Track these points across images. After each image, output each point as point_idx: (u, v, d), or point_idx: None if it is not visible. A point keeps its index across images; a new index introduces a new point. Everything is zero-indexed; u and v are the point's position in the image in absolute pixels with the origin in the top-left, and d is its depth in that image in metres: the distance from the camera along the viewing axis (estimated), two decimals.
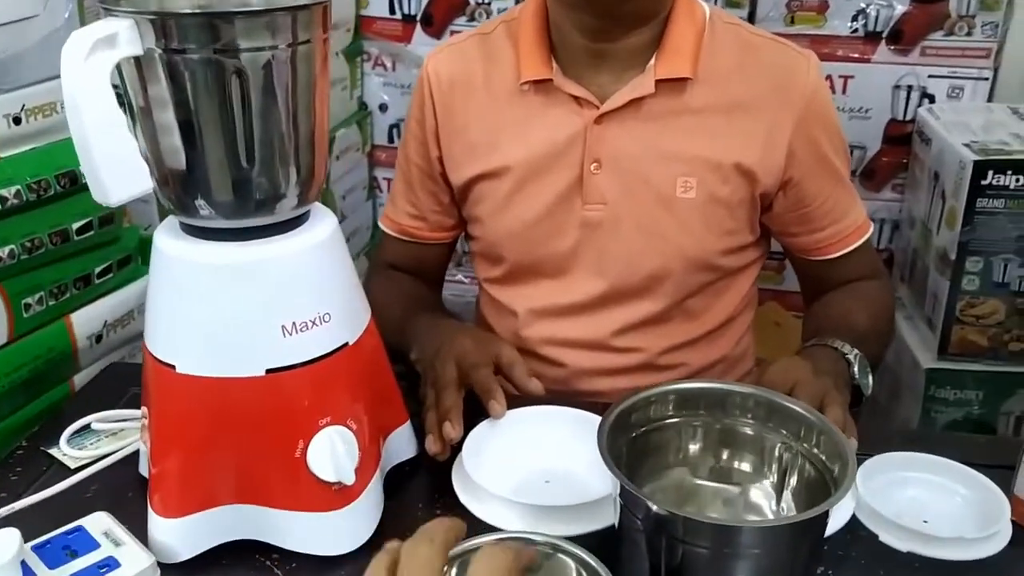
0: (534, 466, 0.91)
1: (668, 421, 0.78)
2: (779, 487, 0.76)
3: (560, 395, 1.11)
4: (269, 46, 0.72)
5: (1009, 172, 1.56)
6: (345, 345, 0.82)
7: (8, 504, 0.87)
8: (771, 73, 1.11)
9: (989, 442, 1.38)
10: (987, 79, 1.87)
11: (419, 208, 1.25)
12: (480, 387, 0.95)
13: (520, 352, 1.15)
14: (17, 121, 1.10)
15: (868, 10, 1.90)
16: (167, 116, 0.73)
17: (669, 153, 1.10)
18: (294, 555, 0.82)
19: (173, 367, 0.78)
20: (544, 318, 1.19)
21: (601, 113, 1.09)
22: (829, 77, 1.85)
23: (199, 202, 0.76)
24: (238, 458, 0.79)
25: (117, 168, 0.71)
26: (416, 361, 1.08)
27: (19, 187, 1.07)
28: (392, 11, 2.08)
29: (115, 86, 0.70)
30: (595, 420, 0.91)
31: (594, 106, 1.10)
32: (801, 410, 0.75)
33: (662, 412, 0.78)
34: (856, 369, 1.03)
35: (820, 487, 0.71)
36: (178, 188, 0.76)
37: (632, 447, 0.75)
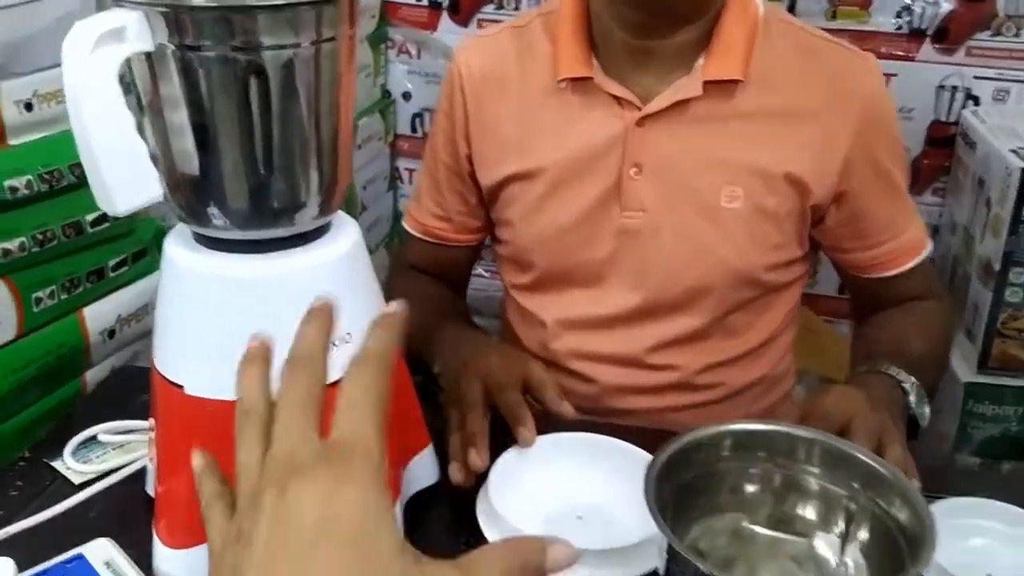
0: (566, 500, 0.85)
1: (722, 465, 0.72)
2: (844, 539, 0.69)
3: (589, 413, 1.05)
4: (291, 43, 0.66)
5: None
6: None
7: (6, 526, 0.82)
8: (829, 77, 1.04)
9: None
10: None
11: (445, 208, 1.19)
12: (508, 411, 0.89)
13: (547, 365, 1.10)
14: (28, 107, 1.05)
15: (913, 7, 1.84)
16: (179, 117, 0.67)
17: (715, 160, 1.04)
18: None
19: (182, 388, 0.73)
20: (574, 330, 1.13)
21: (643, 115, 1.03)
22: None
23: (212, 211, 0.70)
24: None
25: (124, 173, 0.65)
26: (439, 375, 1.02)
27: (30, 177, 1.03)
28: None
29: (122, 79, 0.64)
30: (634, 452, 0.86)
31: (636, 107, 1.03)
32: (872, 462, 0.68)
33: (716, 455, 0.72)
34: (913, 398, 0.97)
35: (889, 541, 0.65)
36: (190, 195, 0.70)
37: (681, 491, 0.69)
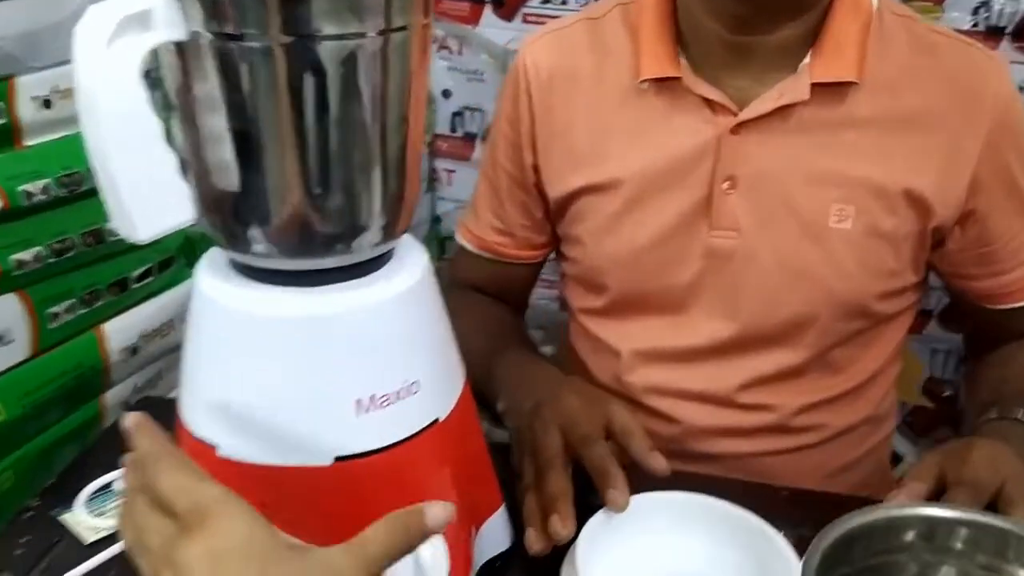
0: (663, 569, 0.73)
1: (902, 556, 0.59)
2: None
3: (669, 457, 0.91)
4: (354, 33, 0.53)
5: None
6: (435, 422, 0.63)
7: None
8: (954, 80, 0.91)
9: None
10: None
11: (506, 222, 1.06)
12: (595, 468, 0.76)
13: (621, 401, 0.98)
14: (47, 104, 0.97)
15: (992, 3, 1.70)
16: (216, 122, 0.55)
17: (823, 174, 0.90)
18: None
19: (214, 448, 0.60)
20: (653, 363, 1.00)
21: (740, 121, 0.90)
22: None
23: (254, 235, 0.58)
24: None
25: (148, 192, 0.53)
26: (504, 414, 0.89)
27: (48, 181, 0.95)
28: None
29: (147, 75, 0.52)
30: (740, 515, 0.73)
31: (731, 113, 0.90)
32: None
33: (894, 543, 0.59)
34: None
35: None
36: (228, 217, 0.58)
37: None
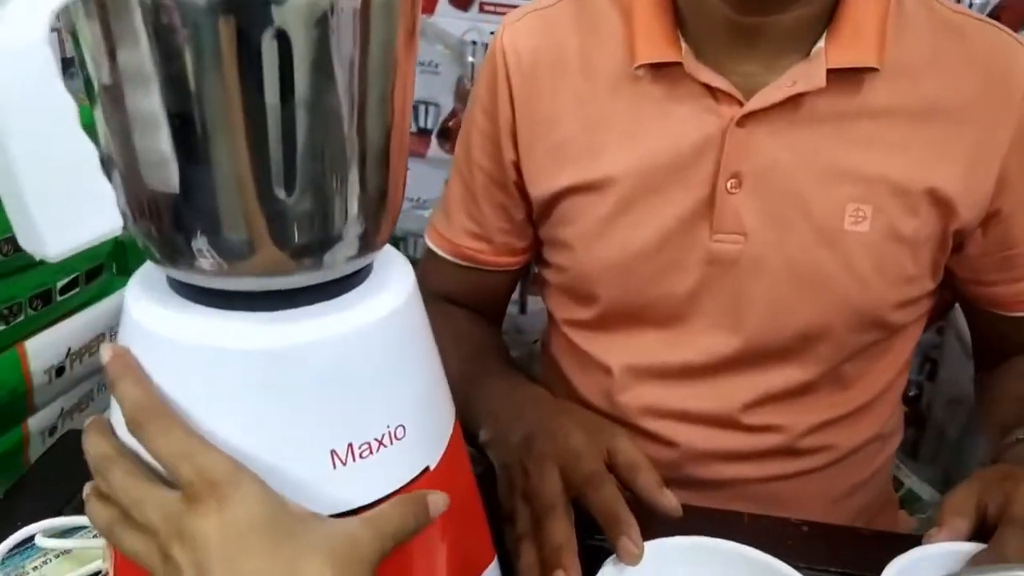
0: None
1: None
2: None
3: (665, 482, 0.82)
4: None
5: None
6: (425, 471, 0.52)
7: None
8: (980, 66, 0.82)
9: None
10: None
11: (483, 226, 0.95)
12: (603, 513, 0.65)
13: (613, 422, 0.88)
14: None
15: None
16: (149, 103, 0.43)
17: (837, 170, 0.81)
18: None
19: None
20: (648, 380, 0.90)
21: (747, 112, 0.80)
22: None
23: (199, 247, 0.46)
24: None
25: (60, 197, 0.40)
26: (488, 445, 0.78)
27: None
28: None
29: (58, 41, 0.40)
30: (762, 560, 0.64)
31: (737, 102, 0.81)
32: None
33: None
34: None
35: None
36: (166, 225, 0.46)
37: None
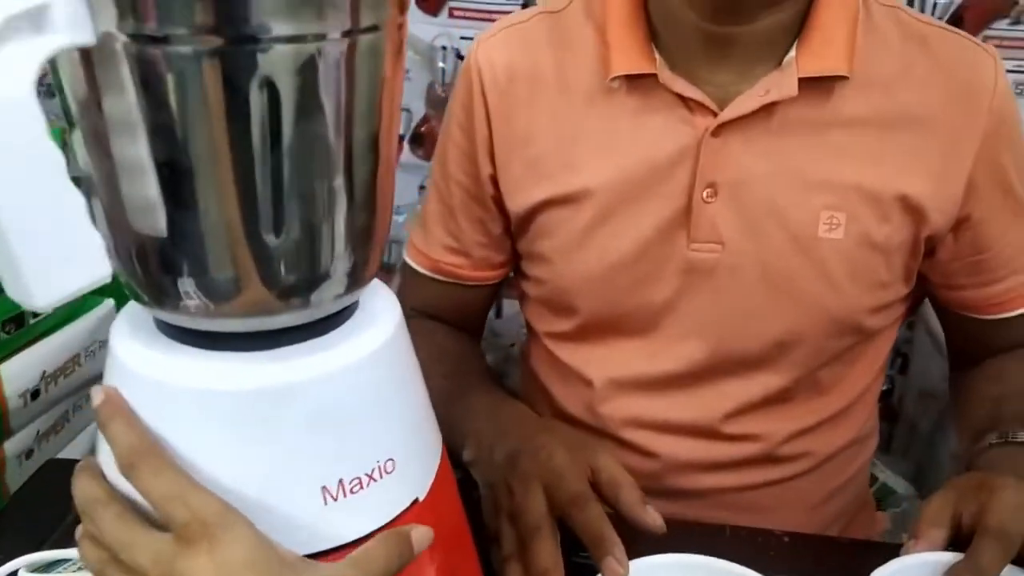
0: None
1: None
2: None
3: (646, 492, 0.83)
4: (312, 35, 0.42)
5: None
6: (415, 503, 0.53)
7: None
8: (947, 75, 0.83)
9: None
10: None
11: (461, 241, 0.95)
12: (589, 533, 0.66)
13: (594, 434, 0.91)
14: None
15: None
16: (136, 150, 0.43)
17: (812, 178, 0.82)
18: None
19: None
20: (630, 392, 0.91)
21: (721, 122, 0.81)
22: None
23: (186, 290, 0.46)
24: None
25: (48, 247, 0.40)
26: (472, 464, 0.79)
27: None
28: None
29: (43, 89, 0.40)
30: None
31: (711, 112, 0.81)
32: None
33: None
34: None
35: None
36: (154, 268, 0.46)
37: None
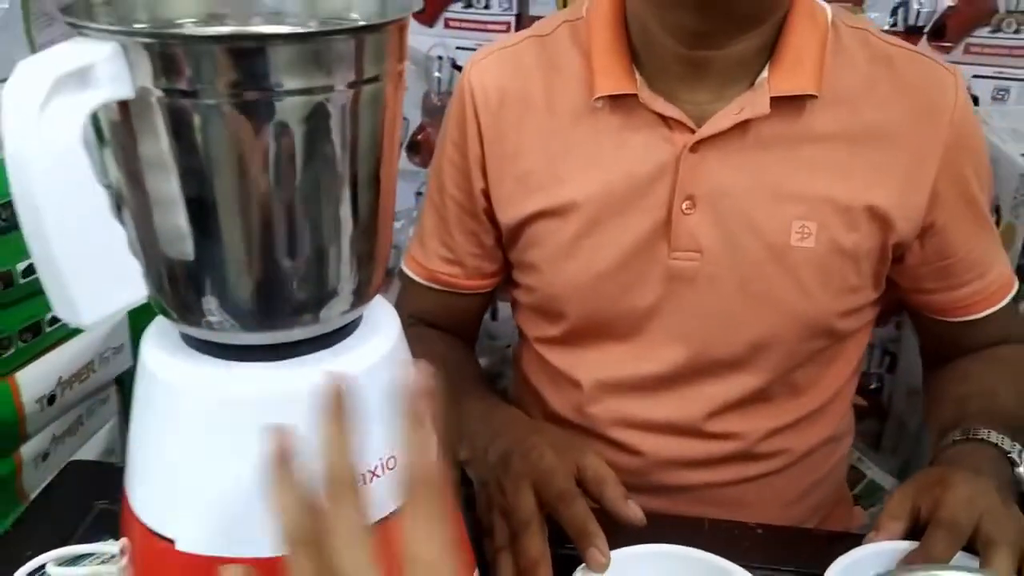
0: None
1: None
2: None
3: (631, 488, 0.88)
4: (321, 87, 0.48)
5: None
6: None
7: None
8: (911, 93, 0.89)
9: None
10: None
11: (455, 251, 1.01)
12: (574, 527, 0.72)
13: (582, 433, 0.96)
14: None
15: (910, 3, 1.70)
16: (168, 187, 0.48)
17: (783, 191, 0.88)
18: None
19: (172, 542, 0.54)
20: (617, 393, 0.96)
21: (698, 139, 0.86)
22: None
23: (209, 307, 0.52)
24: None
25: (94, 271, 0.46)
26: (468, 464, 0.85)
27: None
28: None
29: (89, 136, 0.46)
30: (724, 567, 0.70)
31: (689, 130, 0.87)
32: None
33: None
34: (1023, 470, 0.83)
35: None
36: (181, 289, 0.52)
37: None
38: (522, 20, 1.68)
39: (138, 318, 0.58)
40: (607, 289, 0.92)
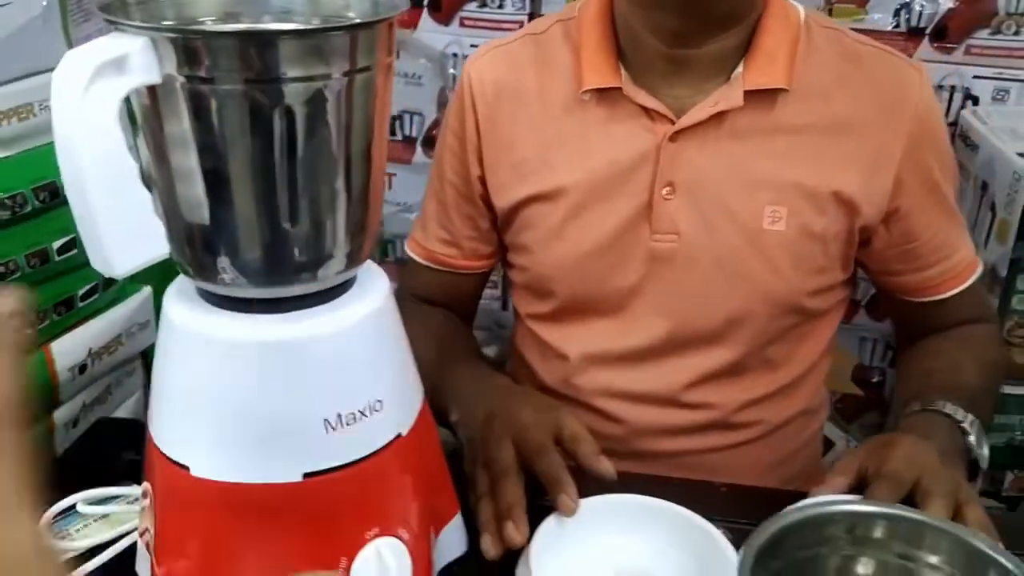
0: (612, 570, 0.77)
1: (825, 549, 0.65)
2: None
3: (615, 455, 0.95)
4: (320, 75, 0.56)
5: None
6: (398, 437, 0.67)
7: None
8: (878, 88, 0.96)
9: None
10: None
11: (453, 234, 1.09)
12: (547, 476, 0.80)
13: (570, 403, 1.03)
14: None
15: (912, 4, 1.74)
16: (188, 160, 0.57)
17: (756, 178, 0.95)
18: None
19: (187, 469, 0.63)
20: (600, 365, 1.04)
21: (677, 129, 0.94)
22: None
23: (223, 265, 0.60)
24: None
25: (125, 229, 0.55)
26: (457, 424, 0.92)
27: None
28: None
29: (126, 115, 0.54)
30: (685, 515, 0.78)
31: (669, 120, 0.94)
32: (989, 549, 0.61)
33: (818, 537, 0.65)
34: (973, 439, 0.90)
35: None
36: (199, 249, 0.60)
37: None
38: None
39: (162, 299, 0.66)
40: (593, 268, 1.00)
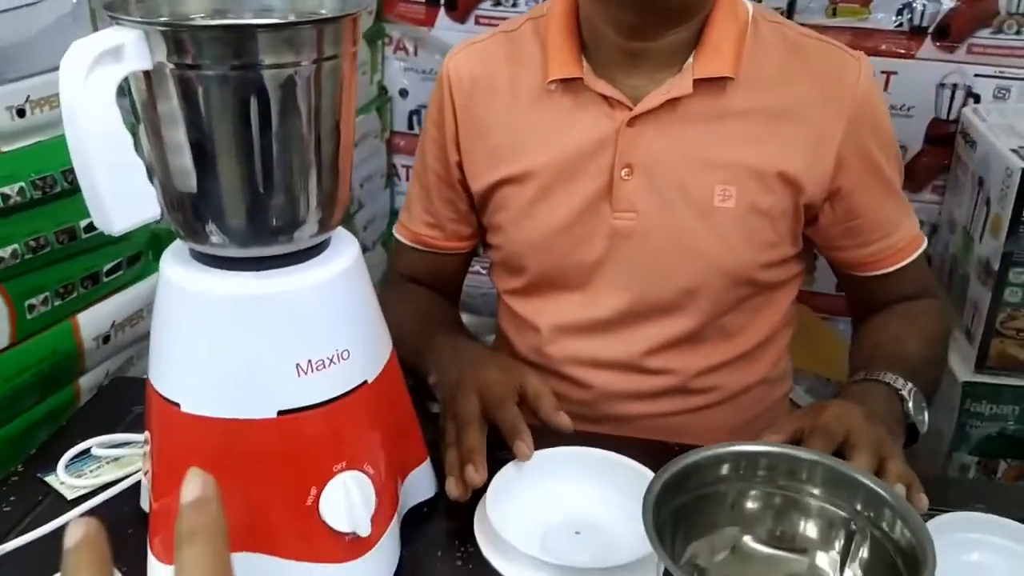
0: (564, 515, 0.85)
1: (722, 485, 0.73)
2: (844, 557, 0.70)
3: (585, 419, 1.04)
4: (291, 62, 0.65)
5: None
6: (364, 383, 0.75)
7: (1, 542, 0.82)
8: (819, 76, 1.04)
9: None
10: None
11: (436, 216, 1.18)
12: (505, 425, 0.88)
13: (542, 372, 1.10)
14: (21, 113, 1.04)
15: (915, 4, 1.79)
16: (178, 135, 0.66)
17: (707, 159, 1.03)
18: None
19: (178, 405, 0.72)
20: (569, 335, 1.12)
21: (634, 115, 1.02)
22: None
23: (210, 228, 0.70)
24: (246, 504, 0.72)
25: (122, 193, 0.64)
26: (435, 386, 1.01)
27: (23, 184, 1.01)
28: None
29: (119, 94, 0.64)
30: (634, 467, 0.87)
31: (626, 108, 1.03)
32: (872, 484, 0.69)
33: (715, 476, 0.72)
34: (911, 406, 0.97)
35: (888, 562, 0.66)
36: (188, 213, 0.70)
37: (680, 511, 0.69)
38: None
39: None
40: (559, 245, 1.08)
